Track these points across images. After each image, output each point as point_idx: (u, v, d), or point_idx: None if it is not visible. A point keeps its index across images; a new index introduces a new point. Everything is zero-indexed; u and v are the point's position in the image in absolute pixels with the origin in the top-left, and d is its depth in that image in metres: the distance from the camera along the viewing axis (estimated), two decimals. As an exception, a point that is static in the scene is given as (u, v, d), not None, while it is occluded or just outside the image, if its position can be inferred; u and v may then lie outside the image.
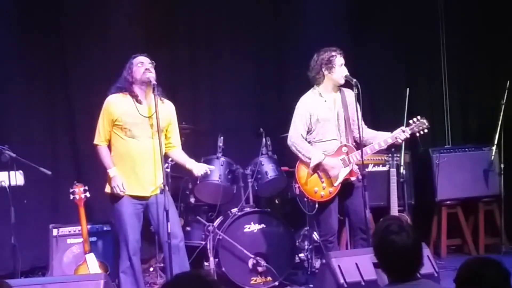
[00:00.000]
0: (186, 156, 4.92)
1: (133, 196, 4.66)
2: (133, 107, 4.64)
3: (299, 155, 5.00)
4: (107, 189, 4.69)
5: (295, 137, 5.02)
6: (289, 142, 5.06)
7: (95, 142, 4.72)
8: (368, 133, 4.98)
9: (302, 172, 5.00)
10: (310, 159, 4.93)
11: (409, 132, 4.94)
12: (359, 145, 4.90)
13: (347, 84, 4.99)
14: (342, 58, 4.97)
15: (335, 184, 4.91)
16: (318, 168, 4.95)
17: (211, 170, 5.40)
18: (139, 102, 4.67)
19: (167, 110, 4.79)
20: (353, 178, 4.94)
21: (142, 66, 4.67)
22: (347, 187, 4.95)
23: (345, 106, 4.96)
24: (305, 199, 5.33)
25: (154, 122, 4.62)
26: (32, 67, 6.09)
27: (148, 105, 4.69)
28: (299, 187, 5.13)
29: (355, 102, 4.94)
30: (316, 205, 5.12)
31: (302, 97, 5.10)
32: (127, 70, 4.70)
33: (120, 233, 4.69)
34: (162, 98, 4.75)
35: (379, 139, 4.93)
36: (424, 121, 4.98)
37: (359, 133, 4.88)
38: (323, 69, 4.97)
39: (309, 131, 5.02)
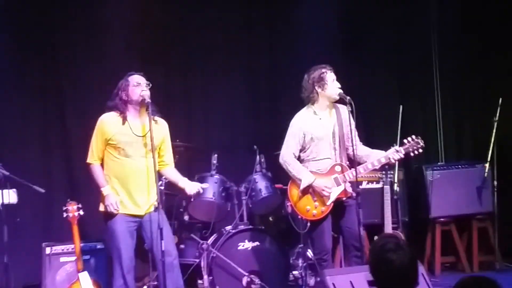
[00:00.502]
0: (179, 174, 4.91)
1: (127, 214, 4.64)
2: (127, 127, 4.64)
3: (290, 174, 4.98)
4: (101, 208, 4.67)
5: (286, 156, 5.00)
6: (281, 160, 5.04)
7: (88, 161, 4.71)
8: (363, 151, 4.97)
9: (294, 191, 4.98)
10: (300, 180, 4.90)
11: (403, 152, 4.88)
12: (353, 162, 4.89)
13: (342, 100, 4.99)
14: (333, 73, 4.97)
15: (327, 203, 4.87)
16: (308, 189, 4.91)
17: (204, 188, 5.40)
18: (133, 121, 4.66)
19: (161, 128, 4.79)
20: (346, 198, 4.92)
21: (139, 87, 4.66)
22: (340, 205, 4.92)
23: (340, 123, 4.95)
24: (298, 217, 5.30)
25: (148, 141, 4.62)
26: (26, 85, 6.11)
27: (142, 124, 4.69)
28: (291, 205, 5.11)
29: (347, 118, 4.94)
30: (308, 224, 5.08)
31: (296, 115, 5.08)
32: (122, 89, 4.68)
33: (113, 252, 4.66)
34: (156, 117, 4.73)
35: (373, 158, 4.89)
36: (419, 140, 4.92)
37: (353, 150, 4.88)
38: (315, 87, 4.96)
39: (302, 149, 5.00)
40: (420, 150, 4.94)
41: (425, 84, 7.07)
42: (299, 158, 5.01)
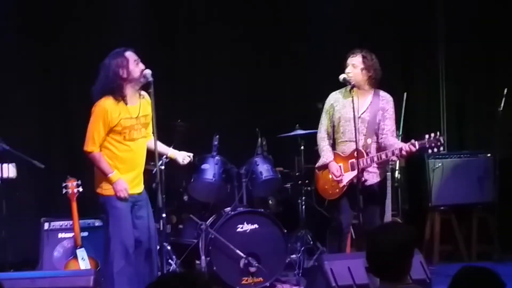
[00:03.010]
0: (163, 144, 4.81)
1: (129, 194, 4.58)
2: (127, 110, 4.52)
3: (319, 151, 5.12)
4: (102, 191, 4.55)
5: (318, 132, 5.13)
6: (317, 138, 5.17)
7: (89, 149, 4.50)
8: (389, 141, 4.95)
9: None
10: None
11: (417, 146, 4.80)
12: (381, 150, 4.93)
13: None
14: (352, 58, 4.96)
15: (341, 186, 4.96)
16: (324, 168, 5.03)
17: (205, 169, 5.40)
18: (129, 103, 4.52)
19: (148, 102, 4.63)
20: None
21: (139, 64, 4.51)
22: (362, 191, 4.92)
23: (374, 110, 4.92)
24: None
25: (144, 121, 4.58)
26: (28, 61, 6.07)
27: (137, 104, 4.57)
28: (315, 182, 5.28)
29: (389, 109, 4.99)
30: (326, 202, 5.25)
31: (333, 92, 5.12)
32: (121, 66, 4.44)
33: (115, 233, 4.51)
34: (142, 92, 4.61)
35: (390, 149, 4.89)
36: (440, 138, 4.81)
37: (377, 139, 4.94)
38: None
39: (335, 130, 5.03)
40: (441, 148, 4.92)
41: (429, 73, 7.03)
42: (333, 140, 5.07)
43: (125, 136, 4.52)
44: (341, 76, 4.93)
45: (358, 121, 4.90)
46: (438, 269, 5.88)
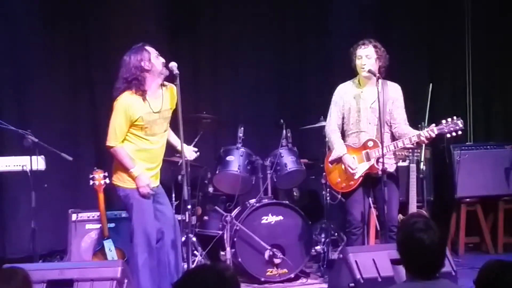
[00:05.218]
0: (176, 137, 4.81)
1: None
2: (148, 105, 4.54)
3: (329, 144, 5.09)
4: (124, 183, 4.60)
5: (328, 124, 5.10)
6: (325, 130, 5.15)
7: (112, 144, 4.55)
8: (403, 130, 4.94)
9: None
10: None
11: (436, 132, 4.79)
12: (395, 139, 4.91)
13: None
14: (366, 49, 4.93)
15: (356, 177, 4.93)
16: (339, 161, 4.97)
17: (230, 161, 5.41)
18: (151, 96, 4.55)
19: (173, 96, 4.64)
20: (375, 173, 4.91)
21: (159, 58, 4.56)
22: (375, 181, 4.94)
23: (384, 99, 4.86)
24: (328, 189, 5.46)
25: (167, 115, 4.62)
26: (55, 54, 6.13)
27: (159, 97, 4.60)
28: (325, 175, 5.23)
29: (399, 98, 4.97)
30: (339, 196, 5.22)
31: (341, 84, 5.11)
32: (143, 59, 4.48)
33: (138, 225, 4.56)
34: (165, 83, 4.64)
35: (406, 136, 4.88)
36: (459, 122, 4.80)
37: (394, 128, 4.92)
38: (353, 59, 4.98)
39: (344, 122, 5.01)
40: (459, 132, 4.84)
41: (456, 63, 6.97)
42: (342, 132, 5.04)
43: (146, 131, 4.56)
44: (367, 68, 4.91)
45: (369, 111, 4.91)
46: (464, 260, 5.86)
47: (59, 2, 6.10)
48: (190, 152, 4.86)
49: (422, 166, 6.07)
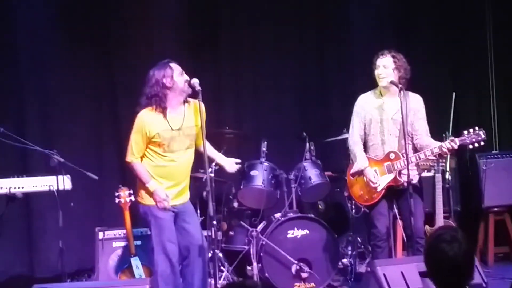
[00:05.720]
0: (214, 149, 4.85)
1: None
2: (166, 122, 4.52)
3: (351, 156, 5.05)
4: (143, 200, 4.62)
5: (350, 136, 5.07)
6: (348, 142, 5.11)
7: (129, 159, 4.59)
8: (425, 141, 4.90)
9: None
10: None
11: (458, 143, 4.76)
12: (417, 151, 4.88)
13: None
14: (384, 59, 4.91)
15: (378, 190, 4.89)
16: (361, 174, 4.94)
17: (254, 175, 5.41)
18: (171, 113, 4.54)
19: (197, 112, 4.61)
20: (398, 186, 4.88)
21: (183, 75, 4.56)
22: (398, 193, 4.91)
23: (406, 110, 4.83)
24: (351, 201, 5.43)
25: (190, 132, 4.59)
26: (80, 74, 6.20)
27: (181, 114, 4.58)
28: (348, 188, 5.20)
29: (421, 109, 4.95)
30: (362, 209, 5.19)
31: (362, 95, 5.09)
32: (165, 76, 4.48)
33: (158, 243, 4.55)
34: (188, 99, 4.64)
35: (429, 148, 4.84)
36: (481, 132, 4.77)
37: (412, 139, 4.88)
38: (373, 68, 4.97)
39: (366, 133, 4.99)
40: (482, 143, 4.80)
41: (479, 71, 6.91)
42: (364, 143, 5.02)
43: (164, 148, 4.55)
44: (388, 79, 4.89)
45: (390, 122, 4.88)
46: (494, 271, 5.78)
47: (82, 19, 6.17)
48: (230, 165, 4.85)
49: (448, 176, 6.01)
